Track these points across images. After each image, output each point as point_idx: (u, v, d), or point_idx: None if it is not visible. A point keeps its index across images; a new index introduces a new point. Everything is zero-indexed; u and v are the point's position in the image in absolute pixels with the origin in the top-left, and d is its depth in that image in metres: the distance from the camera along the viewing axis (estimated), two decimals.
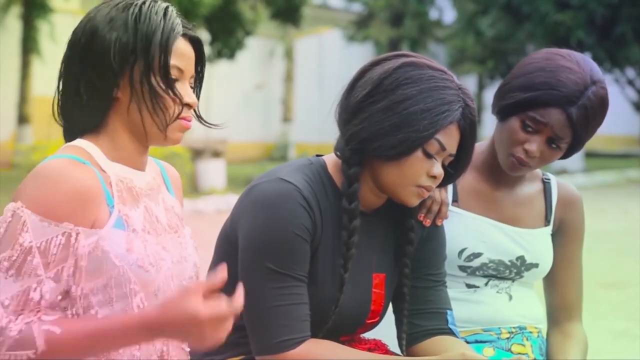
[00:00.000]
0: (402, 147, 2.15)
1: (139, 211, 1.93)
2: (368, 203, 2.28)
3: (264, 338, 2.15)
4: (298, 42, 25.78)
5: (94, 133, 1.94)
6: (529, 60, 2.51)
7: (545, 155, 2.49)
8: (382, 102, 2.17)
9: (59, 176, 1.83)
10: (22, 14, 17.19)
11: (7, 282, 1.78)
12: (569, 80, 2.42)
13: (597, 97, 2.43)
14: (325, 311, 2.23)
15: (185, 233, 2.05)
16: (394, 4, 25.93)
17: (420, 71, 2.19)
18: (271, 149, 24.98)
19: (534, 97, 2.44)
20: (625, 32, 20.57)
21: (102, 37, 1.88)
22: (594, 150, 27.24)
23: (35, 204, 1.81)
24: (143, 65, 1.88)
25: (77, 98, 1.91)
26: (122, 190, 1.91)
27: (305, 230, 2.17)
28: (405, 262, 2.34)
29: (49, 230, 1.81)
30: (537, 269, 2.61)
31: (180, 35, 1.93)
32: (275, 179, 2.20)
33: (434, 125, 2.15)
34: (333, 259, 2.24)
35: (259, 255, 2.13)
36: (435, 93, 2.16)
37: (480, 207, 2.60)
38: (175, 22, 1.92)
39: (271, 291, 2.12)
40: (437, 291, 2.39)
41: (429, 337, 2.36)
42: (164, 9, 1.93)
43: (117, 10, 1.90)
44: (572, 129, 2.44)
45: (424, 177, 2.18)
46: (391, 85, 2.18)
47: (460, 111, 2.18)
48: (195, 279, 2.03)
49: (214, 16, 16.55)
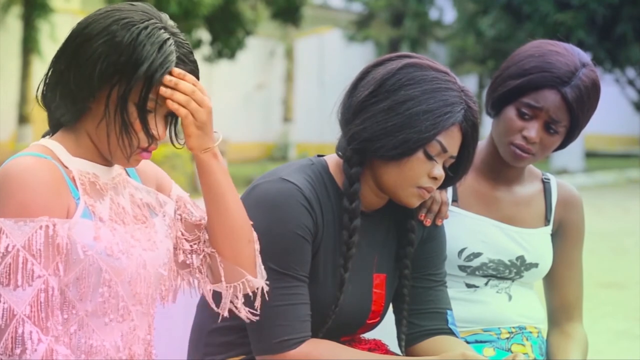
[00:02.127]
0: (404, 148, 2.15)
1: (105, 203, 1.91)
2: (369, 203, 2.28)
3: (265, 338, 2.15)
4: (298, 42, 25.77)
5: (65, 130, 1.93)
6: (518, 51, 2.55)
7: (545, 142, 2.49)
8: (384, 102, 2.18)
9: (22, 174, 1.81)
10: (22, 14, 17.17)
11: (16, 294, 1.77)
12: (559, 62, 2.47)
13: (589, 79, 2.47)
14: (325, 311, 2.23)
15: (156, 222, 2.01)
16: (394, 4, 25.92)
17: (423, 72, 2.19)
18: (271, 149, 24.96)
19: (527, 81, 2.46)
20: (626, 32, 20.55)
21: (94, 47, 1.85)
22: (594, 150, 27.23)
23: (6, 208, 1.79)
24: (123, 89, 1.85)
25: (54, 94, 1.91)
26: (85, 183, 1.90)
27: (307, 230, 2.17)
28: (406, 262, 2.34)
29: (26, 228, 1.79)
30: (536, 268, 2.61)
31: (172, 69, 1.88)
32: (276, 179, 2.20)
33: (435, 126, 2.15)
34: (334, 259, 2.24)
35: (261, 255, 2.13)
36: (437, 94, 2.17)
37: (480, 206, 2.60)
38: (168, 59, 1.86)
39: (272, 291, 2.12)
40: (437, 291, 2.39)
41: (429, 337, 2.36)
42: (162, 40, 1.87)
43: (118, 26, 1.86)
44: (568, 110, 2.46)
45: (425, 178, 2.18)
46: (394, 86, 2.18)
47: (462, 113, 2.18)
48: (169, 265, 2.02)
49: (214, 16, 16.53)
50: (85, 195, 1.89)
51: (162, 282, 1.99)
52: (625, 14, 20.46)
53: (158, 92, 1.88)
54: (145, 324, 1.98)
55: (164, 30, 1.89)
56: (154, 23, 1.88)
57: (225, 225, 2.00)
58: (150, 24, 1.88)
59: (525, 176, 2.66)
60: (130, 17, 1.88)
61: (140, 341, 1.96)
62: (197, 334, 2.35)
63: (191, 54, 1.92)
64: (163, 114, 1.92)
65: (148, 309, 1.97)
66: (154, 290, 1.97)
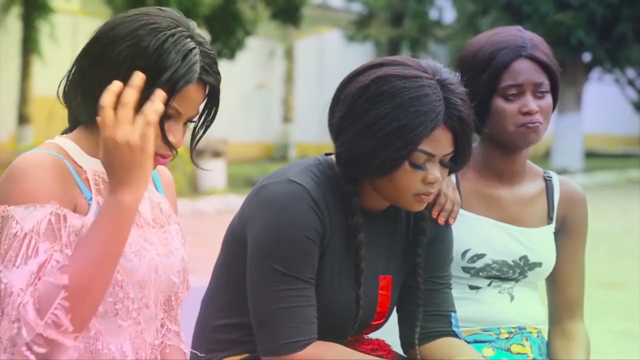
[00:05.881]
0: (385, 168, 2.13)
1: None
2: (373, 205, 2.27)
3: (271, 339, 2.15)
4: (298, 42, 25.76)
5: (83, 128, 1.94)
6: (463, 59, 2.56)
7: (543, 107, 2.52)
8: (356, 125, 2.14)
9: (30, 166, 1.82)
10: (22, 14, 17.16)
11: (21, 271, 1.76)
12: (504, 38, 2.53)
13: (533, 35, 2.56)
14: (332, 312, 2.23)
15: (172, 229, 2.02)
16: (394, 4, 25.91)
17: (391, 85, 2.13)
18: (271, 149, 24.95)
19: (494, 67, 2.49)
20: (626, 32, 20.53)
21: (119, 50, 1.85)
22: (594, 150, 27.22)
23: (16, 197, 1.80)
24: (145, 95, 1.84)
25: (75, 92, 1.91)
26: (99, 183, 1.90)
27: (315, 232, 2.16)
28: (418, 251, 2.32)
29: (36, 213, 1.79)
30: (540, 268, 2.61)
31: (195, 80, 1.87)
32: (284, 180, 2.19)
33: (412, 140, 2.10)
34: (341, 260, 2.23)
35: (268, 257, 2.13)
36: (409, 106, 2.10)
37: (482, 207, 2.59)
38: (192, 68, 1.85)
39: (279, 293, 2.12)
40: (442, 294, 2.38)
41: (433, 339, 2.36)
42: (188, 49, 1.85)
43: (145, 31, 1.85)
44: (542, 68, 2.52)
45: (419, 185, 2.16)
46: (364, 106, 2.14)
47: (441, 113, 2.12)
48: (182, 273, 2.01)
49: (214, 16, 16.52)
50: (99, 196, 1.88)
51: (173, 289, 1.99)
52: (625, 14, 20.44)
53: (179, 100, 1.86)
54: (153, 328, 1.97)
55: (190, 39, 1.87)
56: (181, 31, 1.87)
57: None
58: (177, 31, 1.86)
59: (527, 175, 2.66)
60: (158, 23, 1.86)
61: (147, 345, 1.95)
62: (200, 331, 2.35)
63: (215, 65, 1.91)
64: (182, 121, 1.91)
65: (156, 313, 1.97)
66: (163, 295, 1.97)
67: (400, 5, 26.02)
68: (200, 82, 1.89)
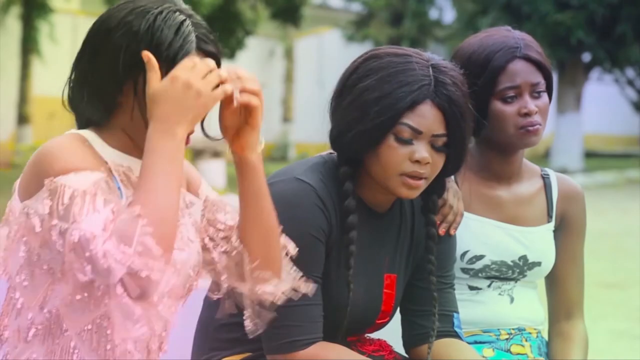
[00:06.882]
0: (368, 137, 2.14)
1: None
2: (378, 202, 2.27)
3: (275, 337, 2.15)
4: (298, 42, 25.76)
5: (94, 128, 1.94)
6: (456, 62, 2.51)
7: (541, 107, 2.52)
8: (345, 100, 2.18)
9: (66, 142, 1.83)
10: (22, 14, 17.18)
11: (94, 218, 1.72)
12: (496, 40, 2.52)
13: (524, 35, 2.55)
14: (337, 311, 2.23)
15: (186, 222, 1.99)
16: (394, 4, 25.92)
17: (379, 61, 2.17)
18: (271, 148, 24.95)
19: (490, 69, 2.48)
20: (626, 32, 20.52)
21: (114, 41, 1.86)
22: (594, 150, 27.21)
23: (61, 168, 1.78)
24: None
25: (81, 94, 1.91)
26: (121, 174, 1.90)
27: (321, 231, 2.17)
28: (430, 259, 2.31)
29: (89, 176, 1.78)
30: (539, 267, 2.61)
31: (193, 50, 1.88)
32: (291, 179, 2.20)
33: (392, 110, 2.12)
34: (345, 259, 2.23)
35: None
36: (393, 78, 2.14)
37: (481, 208, 2.59)
38: (187, 39, 1.87)
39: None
40: (445, 293, 2.38)
41: (435, 339, 2.35)
42: (178, 23, 1.87)
43: (133, 16, 1.87)
44: (538, 68, 2.51)
45: (407, 163, 2.15)
46: (354, 82, 2.18)
47: (429, 89, 2.13)
48: (199, 268, 2.01)
49: (214, 16, 16.53)
50: (124, 188, 1.88)
51: (188, 282, 1.99)
52: (624, 14, 20.44)
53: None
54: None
55: (179, 12, 1.89)
56: (169, 7, 1.89)
57: (261, 227, 1.97)
58: (164, 8, 1.89)
59: (524, 174, 2.65)
60: (144, 5, 1.88)
61: (156, 336, 1.96)
62: (203, 330, 2.35)
63: (210, 33, 1.92)
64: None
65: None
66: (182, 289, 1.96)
67: (399, 5, 26.02)
68: (200, 52, 1.90)
